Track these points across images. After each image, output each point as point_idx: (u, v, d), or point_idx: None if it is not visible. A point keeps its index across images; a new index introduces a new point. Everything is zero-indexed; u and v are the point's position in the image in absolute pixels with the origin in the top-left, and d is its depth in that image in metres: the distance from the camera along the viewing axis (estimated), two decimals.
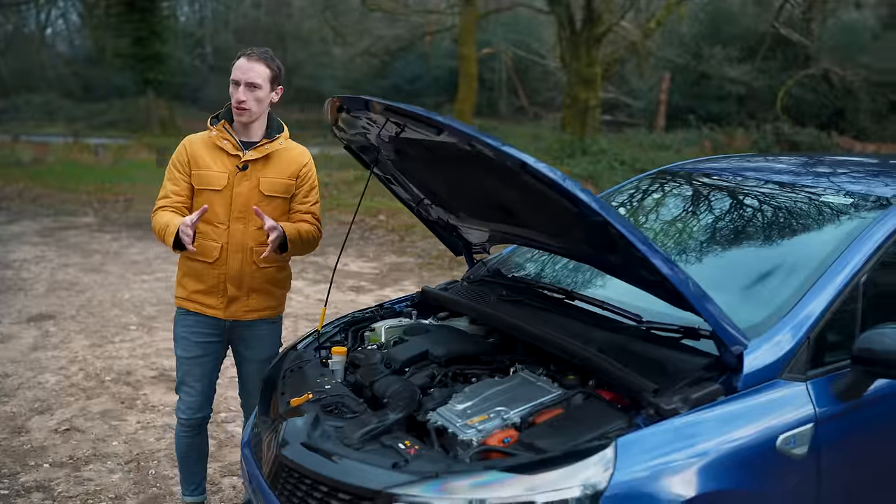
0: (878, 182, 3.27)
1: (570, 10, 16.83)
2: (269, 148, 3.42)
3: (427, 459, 2.36)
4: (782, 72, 25.47)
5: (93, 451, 4.43)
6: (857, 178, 3.41)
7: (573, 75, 17.51)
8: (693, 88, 27.08)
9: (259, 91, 3.32)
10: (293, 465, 2.54)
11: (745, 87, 24.88)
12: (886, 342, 2.49)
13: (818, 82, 25.26)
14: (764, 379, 2.49)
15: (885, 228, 2.83)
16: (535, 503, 2.16)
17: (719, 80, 25.62)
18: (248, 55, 3.34)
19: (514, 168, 2.28)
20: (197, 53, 34.68)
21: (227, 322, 3.49)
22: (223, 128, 3.42)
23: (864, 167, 3.73)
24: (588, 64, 17.24)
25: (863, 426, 2.64)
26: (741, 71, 24.88)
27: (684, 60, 26.01)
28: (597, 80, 17.58)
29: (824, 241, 2.88)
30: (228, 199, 3.38)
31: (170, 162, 3.48)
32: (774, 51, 25.98)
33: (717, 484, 2.33)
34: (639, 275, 2.56)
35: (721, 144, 19.95)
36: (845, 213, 3.02)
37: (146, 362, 5.83)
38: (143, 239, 10.50)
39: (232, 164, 3.39)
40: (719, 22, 26.87)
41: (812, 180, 3.37)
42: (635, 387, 2.44)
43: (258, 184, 3.40)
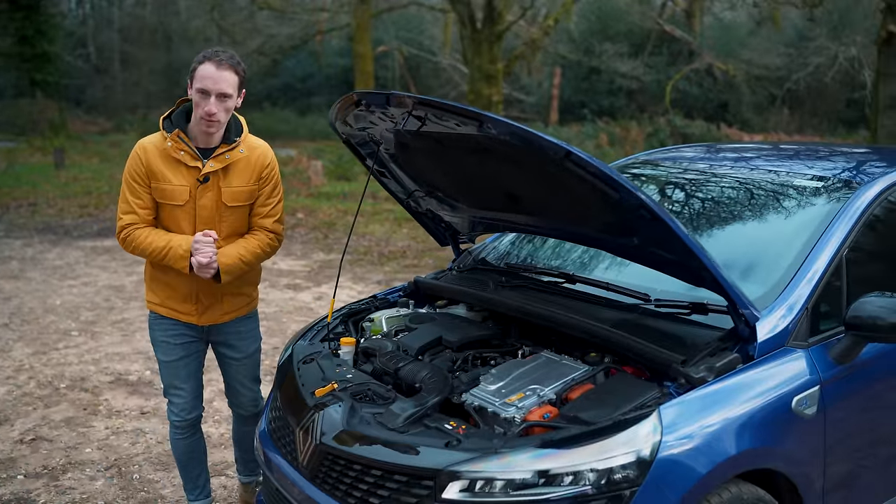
0: (841, 167, 3.55)
1: (471, 8, 17.06)
2: (230, 157, 3.25)
3: (479, 437, 2.48)
4: (669, 67, 26.52)
5: (67, 460, 4.34)
6: (819, 163, 3.69)
7: (475, 71, 17.77)
8: (583, 83, 27.88)
9: (229, 101, 3.14)
10: (338, 453, 2.60)
11: (635, 82, 25.74)
12: (870, 309, 2.76)
13: (703, 77, 26.43)
14: (774, 347, 2.71)
15: (857, 208, 3.11)
16: (600, 469, 2.30)
17: (610, 74, 26.44)
18: (216, 61, 3.10)
19: (556, 157, 2.41)
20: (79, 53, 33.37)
21: (204, 326, 3.44)
22: (178, 137, 3.19)
23: (820, 154, 4.02)
24: (490, 60, 17.54)
25: (858, 385, 2.90)
26: (631, 66, 25.72)
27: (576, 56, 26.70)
28: (498, 76, 17.90)
29: (807, 221, 3.13)
30: (192, 212, 3.25)
31: (125, 172, 3.27)
32: (660, 47, 27.00)
33: (747, 444, 2.54)
34: (656, 255, 2.74)
35: (618, 138, 20.61)
36: (820, 195, 3.27)
37: (98, 368, 5.69)
38: (58, 244, 10.16)
39: (192, 176, 3.21)
40: (607, 18, 27.71)
41: (781, 165, 3.63)
42: (662, 359, 2.62)
43: (221, 195, 3.26)
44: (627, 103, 26.59)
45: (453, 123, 2.68)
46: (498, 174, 2.99)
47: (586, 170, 2.40)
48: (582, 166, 2.39)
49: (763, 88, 25.68)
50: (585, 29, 27.93)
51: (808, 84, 23.95)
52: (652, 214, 2.42)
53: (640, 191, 2.39)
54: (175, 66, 32.12)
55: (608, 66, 25.87)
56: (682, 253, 2.53)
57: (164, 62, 32.53)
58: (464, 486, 2.36)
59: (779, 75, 24.84)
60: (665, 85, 25.16)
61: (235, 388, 3.61)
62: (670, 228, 2.41)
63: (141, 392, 5.29)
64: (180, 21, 33.09)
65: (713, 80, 26.37)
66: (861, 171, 3.44)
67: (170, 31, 33.41)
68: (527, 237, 3.90)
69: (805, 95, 25.01)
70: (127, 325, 6.75)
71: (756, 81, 25.74)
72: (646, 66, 26.23)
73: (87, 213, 12.39)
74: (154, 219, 3.29)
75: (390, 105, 2.85)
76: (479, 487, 2.35)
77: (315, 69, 32.05)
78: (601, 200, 2.55)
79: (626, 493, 2.33)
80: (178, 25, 33.19)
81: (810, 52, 23.36)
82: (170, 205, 3.24)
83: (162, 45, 33.41)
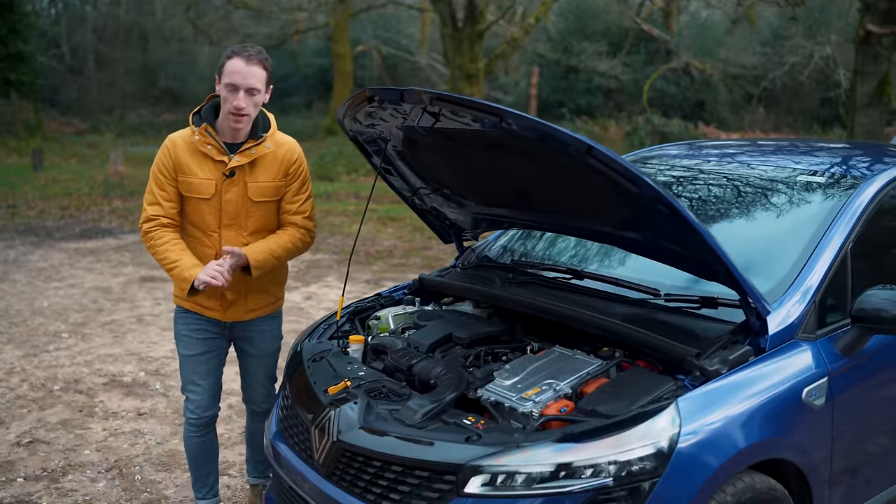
0: (842, 162, 3.61)
1: (452, 7, 17.08)
2: (256, 152, 3.27)
3: (499, 431, 2.50)
4: (646, 66, 26.66)
5: (66, 462, 4.31)
6: (820, 159, 3.74)
7: (456, 71, 17.80)
8: (561, 82, 27.95)
9: (258, 96, 3.17)
10: (357, 450, 2.61)
11: (613, 81, 25.86)
12: (874, 302, 2.82)
13: (680, 76, 26.58)
14: (784, 340, 2.77)
15: (861, 203, 3.16)
16: (621, 461, 2.33)
17: (588, 73, 26.54)
18: (245, 56, 3.12)
19: (577, 152, 2.43)
20: (52, 53, 32.99)
21: (228, 322, 3.46)
22: (206, 132, 3.23)
23: (819, 150, 4.08)
24: (471, 59, 17.58)
25: (864, 375, 2.97)
26: (609, 65, 25.84)
27: (555, 55, 26.80)
28: (480, 75, 17.94)
29: (812, 216, 3.19)
30: (217, 206, 3.27)
31: (154, 165, 3.30)
32: (638, 46, 27.14)
33: (761, 434, 2.59)
34: (668, 250, 2.78)
35: (596, 137, 20.71)
36: (822, 191, 3.32)
37: (91, 369, 5.66)
38: (40, 245, 10.07)
39: (218, 170, 3.24)
40: (585, 17, 27.80)
41: (784, 161, 3.68)
42: (677, 353, 2.65)
43: (246, 190, 3.28)
44: (605, 102, 26.69)
45: (469, 119, 2.69)
46: (509, 170, 3.01)
47: (607, 165, 2.42)
48: (603, 161, 2.41)
49: (739, 87, 25.88)
50: (563, 28, 28.01)
51: (783, 83, 24.17)
52: (671, 209, 2.45)
53: (659, 186, 2.42)
54: (151, 66, 31.91)
55: (586, 65, 25.95)
56: (697, 247, 2.57)
57: (140, 62, 32.27)
58: (485, 481, 2.39)
59: (755, 74, 25.05)
60: (642, 84, 25.30)
61: (251, 384, 3.63)
62: (689, 223, 2.44)
63: (136, 393, 5.27)
64: (156, 20, 32.80)
65: (690, 79, 26.53)
66: (862, 166, 3.50)
67: (145, 30, 33.10)
68: (531, 234, 3.93)
69: (781, 94, 25.23)
70: (117, 326, 6.71)
71: (732, 80, 25.94)
72: (623, 64, 26.35)
73: (68, 215, 12.28)
74: (178, 213, 3.31)
75: (404, 101, 2.86)
76: (500, 481, 2.38)
77: (293, 69, 31.90)
78: (619, 195, 2.58)
79: (646, 484, 2.36)
80: (154, 25, 32.89)
81: (786, 51, 23.60)
82: (196, 198, 3.27)
83: (137, 44, 33.11)
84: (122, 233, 10.98)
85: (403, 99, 2.85)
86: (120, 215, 12.12)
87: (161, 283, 8.23)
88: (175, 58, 31.72)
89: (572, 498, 2.34)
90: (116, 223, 11.65)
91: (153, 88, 31.80)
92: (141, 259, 9.34)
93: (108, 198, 13.30)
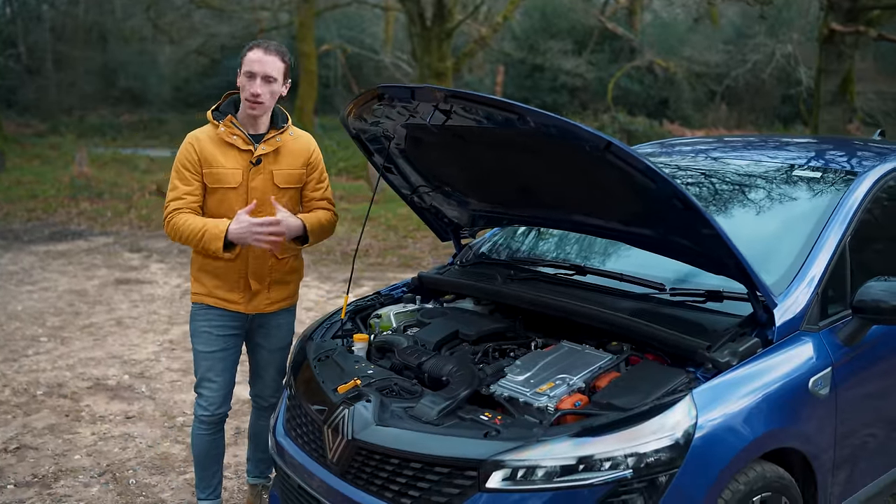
0: (836, 158, 3.69)
1: (420, 6, 17.07)
2: (281, 140, 3.41)
3: (517, 426, 2.51)
4: (611, 64, 26.91)
5: (56, 468, 4.25)
6: (813, 155, 3.81)
7: (425, 69, 17.79)
8: (526, 81, 28.10)
9: (275, 84, 3.30)
10: (373, 448, 2.60)
11: (579, 79, 26.05)
12: (873, 293, 2.89)
13: (644, 74, 26.87)
14: (790, 331, 2.82)
15: (857, 197, 3.24)
16: (640, 453, 2.36)
17: (553, 72, 26.70)
18: (264, 47, 3.29)
19: (595, 148, 2.45)
20: (9, 53, 32.38)
21: (250, 315, 3.48)
22: (230, 123, 3.36)
23: (809, 147, 4.15)
24: (440, 58, 17.58)
25: (864, 365, 3.04)
26: (574, 63, 26.02)
27: (521, 54, 26.91)
28: (448, 73, 17.95)
29: (810, 210, 3.25)
30: (244, 194, 3.36)
31: (176, 161, 3.38)
32: (602, 44, 27.38)
33: (772, 424, 2.65)
34: (677, 244, 2.82)
35: None
36: (819, 186, 3.39)
37: (74, 373, 5.58)
38: (9, 249, 9.88)
39: (244, 159, 3.36)
40: (550, 16, 27.96)
41: (779, 157, 3.74)
42: (688, 346, 2.69)
43: (272, 177, 3.39)
44: (570, 100, 26.88)
45: (482, 117, 2.70)
46: (517, 167, 3.03)
47: (625, 161, 2.45)
48: (621, 157, 2.44)
49: (703, 85, 26.23)
50: (528, 26, 28.15)
51: (746, 81, 24.54)
52: (685, 204, 2.48)
53: (675, 181, 2.45)
54: (111, 67, 31.44)
55: (552, 63, 26.11)
56: (709, 241, 2.60)
57: (100, 62, 31.76)
58: (506, 475, 2.40)
59: (718, 72, 25.40)
60: (607, 82, 25.52)
61: (262, 377, 3.66)
62: (703, 217, 2.48)
63: (122, 397, 5.20)
64: (115, 20, 32.35)
65: (654, 77, 26.83)
66: (855, 162, 3.58)
67: (104, 30, 32.62)
68: (528, 230, 3.95)
69: (743, 92, 25.61)
70: (97, 329, 6.62)
71: (696, 78, 26.27)
72: (588, 63, 26.56)
73: (35, 217, 12.07)
74: (199, 207, 3.37)
75: (415, 99, 2.86)
76: (521, 476, 2.39)
77: None
78: (633, 191, 2.60)
79: (664, 476, 2.40)
80: (114, 24, 32.44)
81: (748, 49, 23.96)
82: (223, 188, 3.35)
83: (97, 44, 32.59)
84: (92, 235, 10.83)
85: (414, 96, 2.85)
86: (89, 217, 11.94)
87: (137, 286, 8.14)
88: (135, 58, 31.28)
89: (592, 491, 2.36)
90: (86, 225, 11.48)
91: (113, 89, 31.34)
92: (114, 261, 9.23)
93: (75, 200, 13.09)
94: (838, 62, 13.60)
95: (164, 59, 30.20)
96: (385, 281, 8.29)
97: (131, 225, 11.44)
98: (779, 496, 2.69)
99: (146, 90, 30.10)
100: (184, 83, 30.82)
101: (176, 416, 4.90)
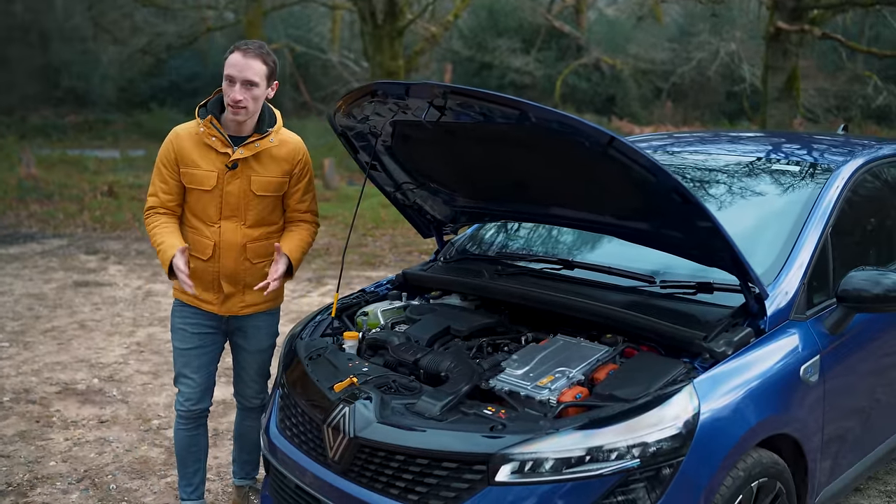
0: (811, 153, 3.78)
1: (372, 4, 17.02)
2: (260, 146, 3.30)
3: (523, 420, 2.53)
4: (558, 62, 27.15)
5: (32, 475, 4.15)
6: (789, 150, 3.91)
7: (377, 68, 17.75)
8: (474, 79, 28.19)
9: (256, 89, 3.20)
10: (377, 445, 2.60)
11: (527, 77, 26.23)
12: (854, 283, 2.99)
13: (591, 71, 27.16)
14: (780, 321, 2.89)
15: (835, 190, 3.33)
16: (647, 443, 2.40)
17: (501, 70, 26.85)
18: (243, 50, 3.19)
19: (597, 143, 2.48)
20: None
21: (225, 316, 3.45)
22: (210, 123, 3.27)
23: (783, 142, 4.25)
24: (391, 57, 17.55)
25: (848, 351, 3.14)
26: (523, 61, 26.19)
27: (469, 52, 27.00)
28: (400, 72, 17.92)
29: (791, 203, 3.34)
30: (219, 198, 3.30)
31: (158, 157, 3.36)
32: (549, 42, 27.61)
33: (769, 411, 2.73)
34: (671, 237, 2.87)
35: None
36: (798, 179, 3.48)
37: (40, 378, 5.45)
38: None
39: (221, 162, 3.28)
40: (497, 14, 28.10)
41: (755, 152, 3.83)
42: (684, 337, 2.74)
43: (250, 183, 3.31)
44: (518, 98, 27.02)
45: (478, 113, 2.71)
46: (508, 162, 3.05)
47: (627, 155, 2.48)
48: (623, 152, 2.47)
49: (649, 82, 26.61)
50: (476, 25, 28.26)
51: (691, 78, 24.96)
52: (684, 198, 2.53)
53: (674, 176, 2.49)
54: (54, 66, 30.71)
55: (501, 61, 26.25)
56: (705, 234, 2.66)
57: (41, 62, 31.00)
58: (514, 469, 2.42)
59: (664, 69, 25.79)
60: (555, 79, 25.75)
61: (243, 378, 3.63)
62: (702, 211, 2.53)
63: (93, 401, 5.10)
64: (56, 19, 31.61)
65: (601, 75, 27.15)
66: (830, 156, 3.67)
67: (45, 29, 31.84)
68: (510, 225, 3.98)
69: (689, 89, 26.05)
70: (59, 333, 6.48)
71: (642, 75, 26.64)
72: (536, 61, 26.75)
73: None
74: (177, 205, 3.36)
75: (409, 95, 2.86)
76: (529, 468, 2.42)
77: (201, 69, 31.18)
78: (633, 185, 2.64)
79: (671, 464, 2.44)
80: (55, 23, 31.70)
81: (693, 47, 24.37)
82: (198, 190, 3.30)
83: (37, 44, 31.79)
84: (44, 237, 10.58)
85: (409, 93, 2.85)
86: (40, 220, 11.66)
87: (97, 288, 7.98)
88: (78, 57, 30.61)
89: (602, 481, 2.40)
90: (37, 227, 11.21)
91: (56, 89, 30.63)
92: (71, 264, 9.04)
93: (24, 202, 12.76)
94: (784, 60, 13.93)
95: (108, 59, 29.57)
96: (346, 279, 8.26)
97: (85, 227, 11.20)
98: (774, 482, 2.76)
99: (90, 90, 29.47)
100: (129, 83, 30.26)
101: (151, 419, 4.82)
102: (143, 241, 10.35)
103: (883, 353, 3.38)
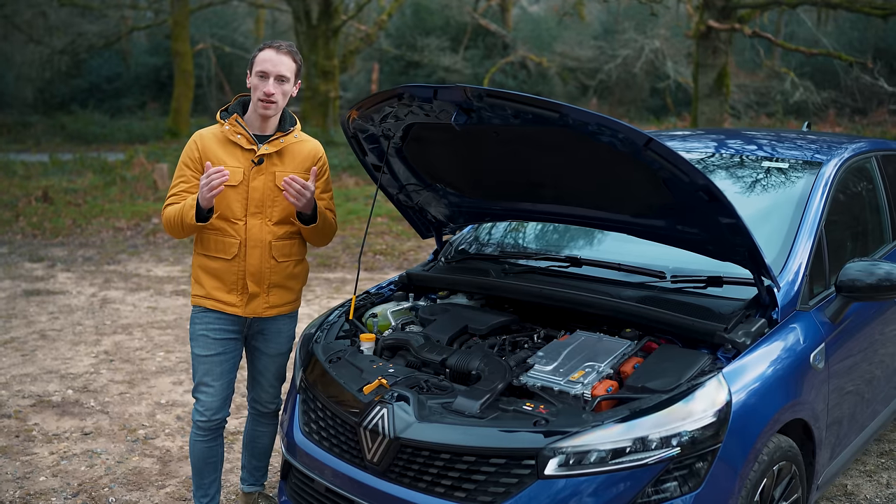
0: (795, 149, 3.95)
1: (306, 4, 16.92)
2: (284, 141, 3.40)
3: (566, 414, 2.61)
4: (485, 60, 27.39)
5: (23, 492, 4.05)
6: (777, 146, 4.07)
7: (312, 68, 17.66)
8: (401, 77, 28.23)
9: (287, 84, 3.32)
10: (420, 445, 2.65)
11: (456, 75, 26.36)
12: (850, 273, 3.18)
13: (517, 69, 27.47)
14: (789, 311, 3.04)
15: (826, 184, 3.51)
16: (686, 431, 2.51)
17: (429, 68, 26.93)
18: (276, 47, 3.30)
19: (634, 145, 2.57)
20: None
21: (248, 319, 3.45)
22: (235, 122, 3.36)
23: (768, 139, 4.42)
24: (326, 56, 17.49)
25: (846, 338, 3.33)
26: (452, 60, 26.33)
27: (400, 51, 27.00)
28: (335, 72, 17.87)
29: (787, 197, 3.50)
30: (244, 194, 3.35)
31: (180, 160, 3.41)
32: (476, 40, 27.82)
33: (790, 397, 2.88)
34: (689, 234, 2.98)
35: None
36: (790, 174, 3.64)
37: (11, 392, 5.30)
38: None
39: (246, 158, 3.35)
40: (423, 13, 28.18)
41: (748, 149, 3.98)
42: (706, 329, 2.87)
43: (274, 178, 3.37)
44: None
45: (510, 115, 2.77)
46: (527, 162, 3.12)
47: (664, 157, 2.58)
48: (660, 153, 2.57)
49: (575, 79, 27.04)
50: (402, 24, 28.28)
51: (618, 75, 25.46)
52: (711, 196, 2.65)
53: (707, 175, 2.60)
54: None
55: (429, 59, 26.33)
56: (728, 230, 2.78)
57: None
58: (562, 462, 2.50)
59: (590, 67, 26.24)
60: (482, 77, 25.95)
61: (260, 383, 3.62)
62: (728, 208, 2.65)
63: (72, 413, 4.99)
64: None
65: (527, 72, 27.49)
66: (813, 152, 3.84)
67: None
68: (509, 224, 4.05)
69: (614, 86, 26.57)
70: (21, 344, 6.30)
71: (569, 73, 27.06)
72: (464, 59, 26.93)
73: None
74: None
75: (437, 98, 2.89)
76: (576, 461, 2.50)
77: (122, 69, 30.41)
78: (661, 184, 2.74)
79: (710, 450, 2.56)
80: None
81: (619, 44, 24.86)
82: (224, 186, 3.27)
83: None
84: None
85: (437, 96, 2.89)
86: None
87: (49, 297, 7.77)
88: None
89: (646, 470, 2.50)
90: None
91: None
92: (16, 272, 8.77)
93: None
94: (714, 57, 14.38)
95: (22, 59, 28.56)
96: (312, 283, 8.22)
97: (24, 234, 10.84)
98: (790, 465, 2.91)
99: (5, 92, 28.45)
100: (47, 84, 29.31)
101: (136, 429, 4.75)
102: (88, 248, 10.10)
103: (873, 338, 3.58)
